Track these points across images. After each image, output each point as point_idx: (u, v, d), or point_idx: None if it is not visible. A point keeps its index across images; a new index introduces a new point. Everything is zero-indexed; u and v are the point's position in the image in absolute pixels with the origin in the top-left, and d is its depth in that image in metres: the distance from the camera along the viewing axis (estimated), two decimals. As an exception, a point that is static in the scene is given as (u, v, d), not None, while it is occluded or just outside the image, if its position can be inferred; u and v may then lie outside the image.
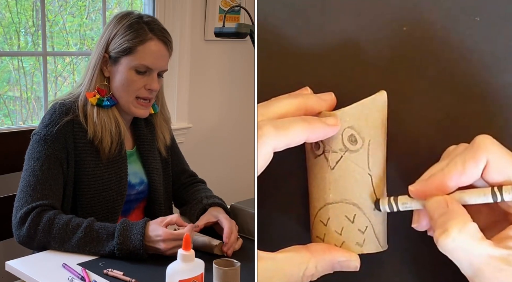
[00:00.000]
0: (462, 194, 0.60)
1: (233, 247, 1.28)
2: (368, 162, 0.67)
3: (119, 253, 1.21)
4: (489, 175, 0.58)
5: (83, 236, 1.22)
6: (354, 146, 0.67)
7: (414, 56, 0.68)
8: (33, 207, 1.26)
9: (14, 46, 2.16)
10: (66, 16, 2.30)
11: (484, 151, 0.57)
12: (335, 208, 0.68)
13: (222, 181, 2.54)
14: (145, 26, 1.36)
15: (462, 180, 0.59)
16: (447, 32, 0.66)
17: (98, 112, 1.35)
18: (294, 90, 0.70)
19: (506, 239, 0.57)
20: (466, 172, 0.58)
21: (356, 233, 0.67)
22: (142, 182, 1.46)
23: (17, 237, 1.28)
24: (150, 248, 1.22)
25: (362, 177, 0.67)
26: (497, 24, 0.65)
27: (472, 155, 0.58)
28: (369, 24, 0.68)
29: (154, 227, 1.23)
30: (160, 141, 1.50)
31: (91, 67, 1.38)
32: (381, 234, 0.68)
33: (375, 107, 0.67)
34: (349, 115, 0.67)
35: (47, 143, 1.31)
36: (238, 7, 2.50)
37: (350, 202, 0.67)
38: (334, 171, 0.68)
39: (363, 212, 0.67)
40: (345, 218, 0.68)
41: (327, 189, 0.68)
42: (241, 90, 2.84)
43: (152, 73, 1.37)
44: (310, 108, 0.67)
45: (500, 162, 0.57)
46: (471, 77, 0.66)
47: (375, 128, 0.67)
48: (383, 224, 0.68)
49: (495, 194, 0.57)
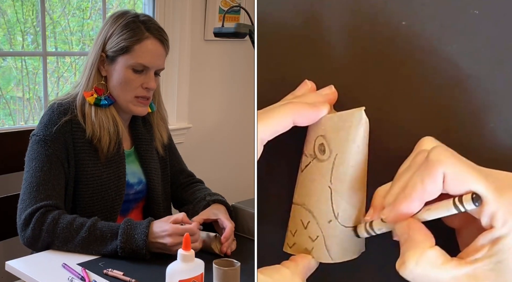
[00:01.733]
0: (427, 212, 0.59)
1: (230, 247, 1.28)
2: (331, 175, 0.65)
3: (122, 251, 1.21)
4: (449, 188, 0.57)
5: (87, 236, 1.22)
6: (322, 156, 0.66)
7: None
8: (37, 207, 1.26)
9: (17, 46, 2.16)
10: (69, 17, 2.30)
11: (439, 165, 0.56)
12: (295, 209, 0.68)
13: (222, 181, 2.54)
14: (141, 25, 1.36)
15: (425, 198, 0.58)
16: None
17: (96, 112, 1.36)
18: (294, 90, 0.70)
19: (471, 253, 0.57)
20: (426, 190, 0.57)
21: (307, 239, 0.67)
22: (141, 181, 1.46)
23: (22, 239, 1.28)
24: (155, 245, 1.21)
25: (322, 188, 0.66)
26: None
27: (428, 172, 0.57)
28: (369, 23, 0.68)
29: (160, 223, 1.23)
30: (157, 140, 1.51)
31: (88, 67, 1.39)
32: (334, 247, 0.66)
33: (349, 122, 0.65)
34: (324, 124, 0.66)
35: (47, 143, 1.31)
36: (238, 7, 2.50)
37: (307, 208, 0.67)
38: (302, 174, 0.68)
39: (317, 221, 0.66)
40: (300, 221, 0.67)
41: (295, 188, 0.69)
42: (241, 90, 2.84)
43: (149, 72, 1.37)
44: (298, 116, 0.66)
45: (458, 174, 0.56)
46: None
47: (345, 144, 0.65)
48: (339, 237, 0.66)
49: (456, 206, 0.57)
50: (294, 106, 0.65)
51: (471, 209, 0.56)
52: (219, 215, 1.35)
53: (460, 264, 0.56)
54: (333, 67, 0.70)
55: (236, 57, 2.79)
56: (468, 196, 0.56)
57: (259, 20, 0.71)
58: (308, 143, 0.68)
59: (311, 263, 0.67)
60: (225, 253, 1.26)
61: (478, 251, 0.56)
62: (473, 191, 0.56)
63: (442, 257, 0.57)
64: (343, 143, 0.65)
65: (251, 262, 1.16)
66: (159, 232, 1.21)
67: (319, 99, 0.67)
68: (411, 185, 0.58)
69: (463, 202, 0.56)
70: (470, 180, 0.56)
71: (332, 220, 0.66)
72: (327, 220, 0.66)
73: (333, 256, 0.66)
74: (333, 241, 0.66)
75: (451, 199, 0.57)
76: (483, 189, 0.56)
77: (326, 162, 0.66)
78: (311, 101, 0.66)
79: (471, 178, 0.56)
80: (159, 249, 1.22)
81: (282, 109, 0.64)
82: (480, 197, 0.56)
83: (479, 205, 0.56)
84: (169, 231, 1.21)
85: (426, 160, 0.58)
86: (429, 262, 0.56)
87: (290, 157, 0.71)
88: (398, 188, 0.61)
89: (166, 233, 1.21)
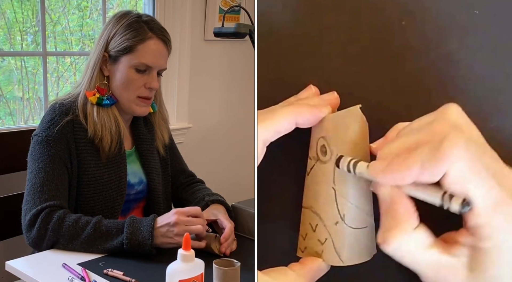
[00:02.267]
0: (414, 189, 0.57)
1: (230, 247, 1.28)
2: (334, 176, 0.65)
3: (127, 244, 1.21)
4: (445, 184, 0.54)
5: (92, 232, 1.23)
6: (324, 157, 0.66)
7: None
8: (42, 208, 1.26)
9: (16, 46, 2.16)
10: (69, 16, 2.30)
11: (446, 162, 0.53)
12: (304, 213, 0.68)
13: (222, 181, 2.54)
14: (144, 25, 1.37)
15: (418, 179, 0.55)
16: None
17: (98, 111, 1.36)
18: (294, 89, 0.70)
19: (454, 245, 0.56)
20: (423, 174, 0.54)
21: (316, 242, 0.66)
22: (141, 181, 1.46)
23: (27, 239, 1.28)
24: (160, 231, 1.22)
25: (327, 189, 0.65)
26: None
27: (433, 163, 0.53)
28: (369, 23, 0.68)
29: (166, 214, 1.26)
30: (158, 140, 1.51)
31: (91, 67, 1.39)
32: (343, 249, 0.65)
33: (346, 121, 0.65)
34: (324, 125, 0.66)
35: (49, 143, 1.31)
36: (238, 7, 2.50)
37: (315, 211, 0.66)
38: (308, 177, 0.68)
39: (324, 224, 0.65)
40: (309, 225, 0.67)
41: (303, 192, 0.68)
42: (241, 90, 2.84)
43: (152, 72, 1.37)
44: (300, 117, 0.65)
45: (460, 177, 0.53)
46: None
47: (344, 144, 0.64)
48: (348, 239, 0.65)
49: (444, 201, 0.55)
50: (296, 107, 0.65)
51: (455, 211, 0.54)
52: (218, 215, 1.35)
53: (444, 252, 0.56)
54: (333, 67, 0.70)
55: (236, 57, 2.79)
56: (459, 199, 0.54)
57: (259, 20, 0.71)
58: (311, 145, 0.68)
59: (320, 266, 0.66)
60: (224, 253, 1.26)
61: (459, 248, 0.56)
62: (466, 198, 0.54)
63: (427, 240, 0.56)
64: (342, 142, 0.65)
65: (251, 262, 1.16)
66: (165, 218, 1.24)
67: (321, 103, 0.67)
68: (413, 158, 0.55)
69: (452, 202, 0.54)
70: (470, 185, 0.53)
71: (339, 222, 0.65)
72: (334, 222, 0.65)
73: (344, 259, 0.65)
74: (342, 244, 0.65)
75: (441, 192, 0.55)
76: (479, 198, 0.53)
77: (328, 163, 0.65)
78: (313, 103, 0.67)
79: (473, 183, 0.53)
80: (164, 236, 1.22)
81: (285, 110, 0.65)
82: (470, 204, 0.54)
83: (466, 211, 0.54)
84: (174, 211, 1.24)
85: (438, 146, 0.54)
86: (415, 243, 0.56)
87: (294, 159, 0.71)
88: (402, 146, 0.57)
89: (171, 213, 1.24)
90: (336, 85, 0.69)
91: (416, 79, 0.67)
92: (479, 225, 0.54)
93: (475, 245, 0.55)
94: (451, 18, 0.65)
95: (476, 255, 0.55)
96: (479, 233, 0.54)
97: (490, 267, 0.54)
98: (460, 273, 0.55)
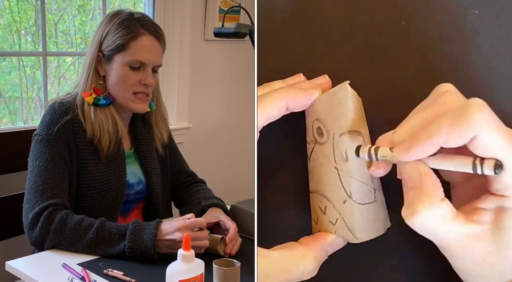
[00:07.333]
0: (441, 160, 0.57)
1: (236, 247, 1.28)
2: (334, 156, 0.65)
3: (129, 252, 1.20)
4: (473, 148, 0.54)
5: (94, 237, 1.22)
6: (321, 139, 0.66)
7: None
8: (44, 206, 1.25)
9: (16, 46, 2.16)
10: (71, 17, 2.30)
11: (475, 126, 0.53)
12: (312, 197, 0.68)
13: (222, 181, 2.54)
14: (136, 23, 1.37)
15: (445, 145, 0.55)
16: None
17: (95, 112, 1.36)
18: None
19: (476, 212, 0.56)
20: (449, 141, 0.54)
21: (328, 224, 0.67)
22: (141, 181, 1.46)
23: (29, 238, 1.27)
24: (164, 244, 1.21)
25: (330, 170, 0.65)
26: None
27: (459, 127, 0.53)
28: (369, 23, 0.68)
29: (169, 221, 1.24)
30: (157, 139, 1.51)
31: (86, 67, 1.39)
32: (356, 226, 0.65)
33: (336, 99, 0.65)
34: (316, 106, 0.66)
35: (50, 142, 1.31)
36: (238, 7, 2.50)
37: (321, 193, 0.67)
38: (310, 162, 0.68)
39: (333, 205, 0.66)
40: (318, 208, 0.67)
41: (309, 177, 0.69)
42: (241, 90, 2.84)
43: (146, 68, 1.37)
44: (290, 100, 0.65)
45: (489, 140, 0.53)
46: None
47: (338, 122, 0.65)
48: (358, 216, 0.65)
49: (475, 167, 0.55)
50: (286, 91, 0.65)
51: (489, 174, 0.54)
52: (219, 217, 1.36)
53: (467, 222, 0.56)
54: (333, 67, 0.70)
55: (236, 57, 2.79)
56: (492, 162, 0.54)
57: (259, 20, 0.71)
58: (307, 129, 0.68)
59: (334, 240, 0.66)
60: (230, 254, 1.27)
61: (483, 214, 0.56)
62: (497, 159, 0.54)
63: (452, 210, 0.56)
64: (337, 120, 0.65)
65: (251, 262, 1.16)
66: (168, 229, 1.21)
67: (312, 86, 0.67)
68: (436, 126, 0.55)
69: (484, 166, 0.54)
70: (499, 148, 0.54)
71: (347, 200, 0.65)
72: (342, 201, 0.65)
73: (358, 236, 0.66)
74: (353, 221, 0.65)
75: (472, 158, 0.55)
76: (509, 158, 0.54)
77: (326, 144, 0.66)
78: (304, 87, 0.67)
79: (502, 146, 0.54)
80: (168, 248, 1.21)
81: (275, 94, 0.65)
82: (502, 165, 0.54)
83: (498, 174, 0.54)
84: (177, 226, 1.21)
85: (464, 110, 0.54)
86: (441, 214, 0.55)
87: (292, 152, 0.71)
88: (416, 123, 0.57)
89: (174, 228, 1.21)
90: (336, 85, 0.69)
91: (416, 79, 0.67)
92: (510, 184, 0.55)
93: (502, 206, 0.55)
94: (451, 17, 0.65)
95: (502, 217, 0.55)
96: (509, 192, 0.55)
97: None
98: (484, 238, 0.56)
